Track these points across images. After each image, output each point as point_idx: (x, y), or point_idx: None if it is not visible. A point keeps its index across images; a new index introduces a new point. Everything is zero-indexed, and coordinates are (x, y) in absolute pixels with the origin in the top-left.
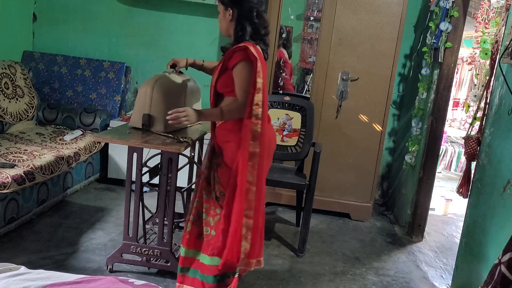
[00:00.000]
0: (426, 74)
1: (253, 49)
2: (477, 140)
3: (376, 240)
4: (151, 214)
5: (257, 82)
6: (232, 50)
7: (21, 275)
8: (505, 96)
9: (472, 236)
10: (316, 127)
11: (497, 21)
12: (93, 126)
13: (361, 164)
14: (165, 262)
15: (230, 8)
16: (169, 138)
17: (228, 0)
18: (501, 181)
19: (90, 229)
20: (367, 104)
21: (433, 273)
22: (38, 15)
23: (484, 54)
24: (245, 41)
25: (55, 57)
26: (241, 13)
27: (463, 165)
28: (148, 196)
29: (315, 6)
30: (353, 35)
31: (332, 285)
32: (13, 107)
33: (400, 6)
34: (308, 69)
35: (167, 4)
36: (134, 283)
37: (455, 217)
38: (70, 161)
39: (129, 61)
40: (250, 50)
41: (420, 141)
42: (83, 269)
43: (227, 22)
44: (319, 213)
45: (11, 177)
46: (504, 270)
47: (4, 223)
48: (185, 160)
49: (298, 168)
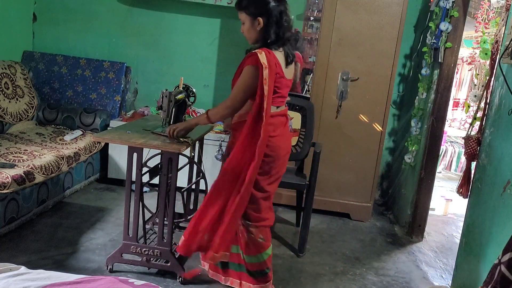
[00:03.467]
0: (426, 74)
1: (265, 56)
2: (477, 140)
3: (376, 240)
4: (151, 214)
5: (264, 89)
6: (249, 54)
7: (21, 275)
8: (505, 96)
9: (472, 236)
10: (316, 127)
11: (497, 21)
12: (93, 126)
13: (361, 164)
14: (165, 262)
15: (259, 17)
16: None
17: (256, 10)
18: (501, 181)
19: (90, 229)
20: (367, 104)
21: (433, 273)
22: (38, 15)
23: (484, 54)
24: (264, 47)
25: (55, 57)
26: (270, 19)
27: (463, 165)
28: (148, 196)
29: (315, 6)
30: (353, 35)
31: (332, 285)
32: (13, 107)
33: (400, 6)
34: (308, 69)
35: (167, 4)
36: (134, 283)
37: (455, 217)
38: (70, 161)
39: (129, 61)
40: (259, 56)
41: (420, 141)
42: (83, 269)
43: (256, 31)
44: (319, 213)
45: (11, 177)
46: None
47: (4, 223)
48: (185, 160)
49: (298, 168)
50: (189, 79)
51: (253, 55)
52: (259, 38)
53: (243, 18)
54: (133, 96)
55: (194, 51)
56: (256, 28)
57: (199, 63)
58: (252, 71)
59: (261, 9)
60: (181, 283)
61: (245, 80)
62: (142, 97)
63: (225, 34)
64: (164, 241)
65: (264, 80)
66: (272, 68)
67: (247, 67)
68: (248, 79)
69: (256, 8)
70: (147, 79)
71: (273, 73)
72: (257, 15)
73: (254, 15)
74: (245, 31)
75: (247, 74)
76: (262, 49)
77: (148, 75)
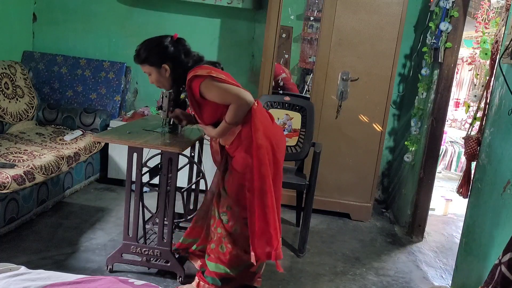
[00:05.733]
0: (426, 74)
1: (199, 69)
2: (477, 140)
3: (376, 240)
4: (151, 214)
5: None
6: (187, 86)
7: (21, 275)
8: (505, 96)
9: (472, 236)
10: (316, 127)
11: (497, 21)
12: (93, 126)
13: (361, 164)
14: (165, 262)
15: (164, 64)
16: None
17: (159, 59)
18: (501, 181)
19: (90, 229)
20: (367, 104)
21: (433, 273)
22: (38, 15)
23: (484, 54)
24: (188, 73)
25: (55, 57)
26: (174, 61)
27: (463, 165)
28: (148, 196)
29: (315, 6)
30: (353, 35)
31: (332, 285)
32: (13, 107)
33: (400, 6)
34: (308, 69)
35: (167, 4)
36: (134, 283)
37: (455, 217)
38: (70, 161)
39: (129, 61)
40: (196, 74)
41: (419, 141)
42: (83, 269)
43: (166, 77)
44: (319, 213)
45: (11, 177)
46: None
47: (4, 223)
48: (185, 160)
49: (298, 168)
50: None
51: (190, 79)
52: (172, 81)
53: (147, 70)
54: (133, 96)
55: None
56: (165, 75)
57: None
58: (209, 80)
59: (163, 57)
60: (181, 283)
61: (217, 86)
62: (142, 97)
63: (225, 34)
64: (164, 241)
65: (223, 77)
66: (215, 70)
67: (202, 84)
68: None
69: (157, 58)
70: (147, 79)
71: (220, 72)
72: (161, 63)
73: (159, 64)
74: (155, 81)
75: (210, 84)
76: (189, 72)
77: (148, 75)
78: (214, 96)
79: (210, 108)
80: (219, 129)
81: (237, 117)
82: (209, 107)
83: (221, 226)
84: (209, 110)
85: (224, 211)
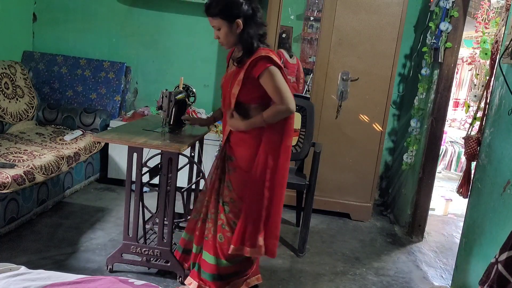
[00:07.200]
0: (426, 74)
1: (273, 54)
2: (477, 140)
3: (376, 240)
4: (151, 214)
5: None
6: (254, 60)
7: (21, 275)
8: (505, 96)
9: (472, 236)
10: (316, 127)
11: (497, 21)
12: (93, 126)
13: (361, 164)
14: (165, 262)
15: (237, 20)
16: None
17: (233, 13)
18: (501, 181)
19: (90, 229)
20: (367, 104)
21: (433, 273)
22: (38, 15)
23: (484, 54)
24: (259, 48)
25: (55, 57)
26: (247, 20)
27: (463, 165)
28: (148, 196)
29: (315, 6)
30: (353, 35)
31: (332, 285)
32: (13, 107)
33: (400, 6)
34: (308, 69)
35: (167, 4)
36: (134, 283)
37: (455, 217)
38: (70, 161)
39: (129, 61)
40: (273, 57)
41: (419, 141)
42: (83, 269)
43: (235, 35)
44: (319, 213)
45: (11, 177)
46: (501, 269)
47: (4, 223)
48: (185, 160)
49: (298, 168)
50: (189, 79)
51: (264, 58)
52: (237, 41)
53: (218, 23)
54: (133, 96)
55: (194, 51)
56: (235, 32)
57: (199, 63)
58: (276, 70)
59: (237, 11)
60: (181, 283)
61: (279, 80)
62: (142, 97)
63: None
64: (164, 241)
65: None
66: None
67: (269, 69)
68: (280, 78)
69: (232, 11)
70: (147, 79)
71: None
72: (235, 18)
73: (232, 19)
74: (222, 36)
75: (276, 75)
76: (262, 50)
77: (148, 75)
78: (269, 85)
79: (253, 89)
80: (250, 123)
81: (275, 119)
82: (253, 88)
83: (223, 213)
84: (250, 89)
85: (227, 202)
